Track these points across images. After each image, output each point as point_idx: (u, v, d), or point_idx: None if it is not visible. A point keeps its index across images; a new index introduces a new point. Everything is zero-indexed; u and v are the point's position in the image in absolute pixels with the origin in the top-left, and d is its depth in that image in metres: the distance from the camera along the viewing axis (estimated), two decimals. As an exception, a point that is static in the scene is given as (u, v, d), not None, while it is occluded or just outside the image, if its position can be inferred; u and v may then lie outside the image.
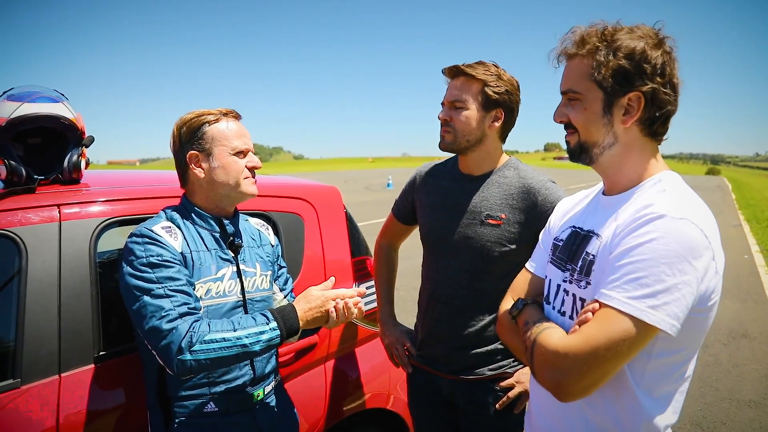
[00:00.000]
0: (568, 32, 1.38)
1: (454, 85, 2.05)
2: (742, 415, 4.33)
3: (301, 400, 2.27)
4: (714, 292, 1.23)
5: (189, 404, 1.75)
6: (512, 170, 2.10)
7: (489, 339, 2.08)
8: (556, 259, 1.51)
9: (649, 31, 1.31)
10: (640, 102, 1.29)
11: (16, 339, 1.69)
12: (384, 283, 2.50)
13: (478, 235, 2.03)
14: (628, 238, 1.22)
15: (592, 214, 1.46)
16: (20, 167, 1.85)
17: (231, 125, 1.82)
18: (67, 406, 1.73)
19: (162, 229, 1.72)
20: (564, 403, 1.26)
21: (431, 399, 2.27)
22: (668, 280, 1.14)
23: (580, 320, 1.24)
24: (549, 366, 1.24)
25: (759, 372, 5.18)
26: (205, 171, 1.79)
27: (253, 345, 1.61)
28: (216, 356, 1.56)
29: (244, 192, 1.84)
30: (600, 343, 1.16)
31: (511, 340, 1.53)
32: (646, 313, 1.14)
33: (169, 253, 1.67)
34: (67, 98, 2.03)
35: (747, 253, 11.80)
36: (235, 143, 1.80)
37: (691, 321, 1.21)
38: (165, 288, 1.60)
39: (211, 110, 1.82)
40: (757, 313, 7.14)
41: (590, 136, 1.36)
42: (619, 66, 1.27)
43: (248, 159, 1.84)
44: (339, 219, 2.68)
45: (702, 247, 1.17)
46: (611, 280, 1.21)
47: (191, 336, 1.55)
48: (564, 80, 1.39)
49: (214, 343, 1.56)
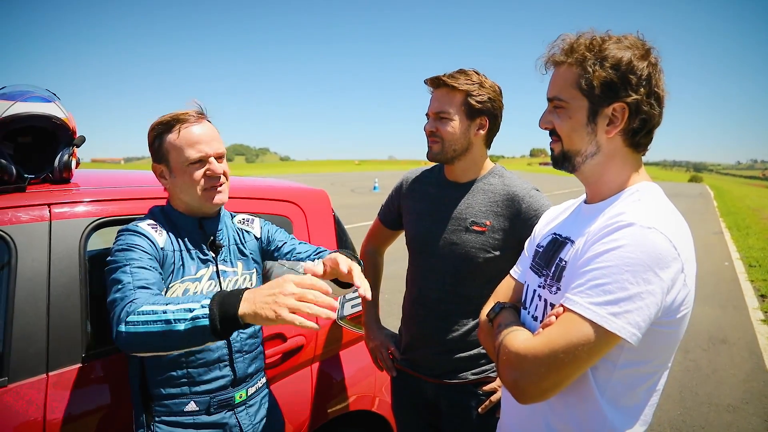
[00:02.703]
0: (557, 39, 1.38)
1: (437, 97, 2.07)
2: (720, 419, 4.40)
3: (287, 402, 2.28)
4: (683, 305, 1.23)
5: (169, 403, 1.74)
6: (497, 178, 2.13)
7: (472, 343, 2.11)
8: (534, 264, 1.52)
9: (636, 41, 1.32)
10: (624, 113, 1.30)
11: (4, 337, 1.70)
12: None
13: (462, 241, 2.05)
14: (596, 245, 1.22)
15: (573, 222, 1.47)
16: (11, 166, 1.86)
17: (185, 133, 1.71)
18: (54, 405, 1.74)
19: (148, 225, 1.73)
20: (525, 405, 1.27)
21: (415, 402, 2.29)
22: (631, 289, 1.14)
23: (544, 323, 1.26)
24: (510, 366, 1.25)
25: (737, 377, 5.27)
26: (169, 183, 1.78)
27: (177, 322, 1.36)
28: (142, 330, 1.37)
29: (204, 205, 1.78)
30: (559, 347, 1.17)
31: (487, 343, 1.54)
32: (606, 319, 1.14)
33: (146, 243, 1.66)
34: (58, 98, 2.04)
35: (728, 260, 11.96)
36: (187, 154, 1.71)
37: (658, 333, 1.22)
38: (129, 266, 1.57)
39: (165, 117, 1.73)
40: (736, 319, 7.25)
41: (573, 145, 1.37)
42: (605, 76, 1.28)
43: (206, 167, 1.74)
44: (327, 222, 2.70)
45: (669, 258, 1.16)
46: (576, 285, 1.21)
47: (130, 305, 1.43)
48: (550, 87, 1.40)
49: (143, 315, 1.38)
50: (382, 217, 2.47)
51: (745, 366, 5.56)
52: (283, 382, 2.35)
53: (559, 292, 1.34)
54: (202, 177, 1.74)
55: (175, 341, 1.38)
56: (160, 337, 1.37)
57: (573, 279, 1.25)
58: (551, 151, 1.44)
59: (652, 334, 1.19)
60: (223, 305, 1.36)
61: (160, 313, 1.38)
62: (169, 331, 1.36)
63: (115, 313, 1.45)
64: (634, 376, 1.27)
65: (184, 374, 1.75)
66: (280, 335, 2.34)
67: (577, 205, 1.54)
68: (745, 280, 9.88)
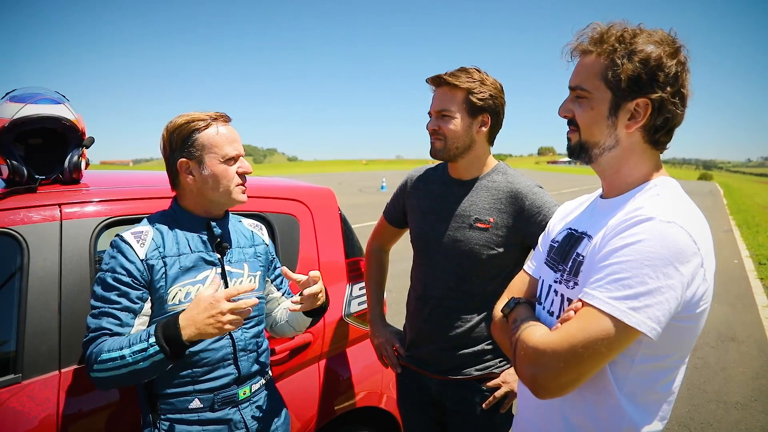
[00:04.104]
0: (586, 27, 1.35)
1: (439, 95, 2.08)
2: (728, 417, 4.39)
3: (294, 398, 2.31)
4: (702, 300, 1.22)
5: (174, 401, 1.77)
6: (501, 175, 2.14)
7: (476, 340, 2.12)
8: (550, 260, 1.51)
9: (667, 37, 1.29)
10: (647, 109, 1.28)
11: (18, 335, 1.73)
12: (374, 285, 2.54)
13: (466, 238, 2.07)
14: (615, 239, 1.21)
15: (588, 217, 1.46)
16: (22, 167, 1.89)
17: (221, 131, 1.80)
18: (66, 401, 1.77)
19: (132, 235, 1.74)
20: (543, 400, 1.26)
21: (420, 399, 2.30)
22: (651, 283, 1.13)
23: (562, 318, 1.24)
24: (528, 361, 1.24)
25: (746, 375, 5.25)
26: (196, 178, 1.79)
27: (137, 363, 1.55)
28: (111, 375, 1.56)
29: (235, 200, 1.86)
30: (578, 341, 1.15)
31: (502, 339, 1.53)
32: (626, 314, 1.13)
33: (125, 270, 1.68)
34: (68, 100, 2.07)
35: (737, 257, 11.90)
36: (225, 150, 1.79)
37: (677, 328, 1.21)
38: (101, 309, 1.65)
39: (200, 115, 1.79)
40: (745, 317, 7.22)
41: (592, 136, 1.35)
42: (633, 70, 1.25)
43: (239, 165, 1.84)
44: (334, 220, 2.73)
45: (690, 253, 1.15)
46: (595, 279, 1.20)
47: (92, 355, 1.59)
48: (574, 75, 1.37)
49: (106, 362, 1.56)
50: (387, 215, 2.49)
51: (754, 363, 5.55)
52: (291, 379, 2.38)
53: (576, 287, 1.33)
54: (236, 173, 1.83)
55: (142, 375, 1.59)
56: (128, 376, 1.57)
57: (591, 274, 1.24)
58: (568, 141, 1.42)
59: (671, 328, 1.18)
60: (168, 338, 1.57)
61: (119, 359, 1.56)
62: (134, 370, 1.56)
63: (86, 356, 1.62)
64: (652, 371, 1.26)
65: (189, 373, 1.77)
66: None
67: (593, 200, 1.53)
68: (755, 277, 9.83)
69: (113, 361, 1.55)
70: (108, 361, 1.55)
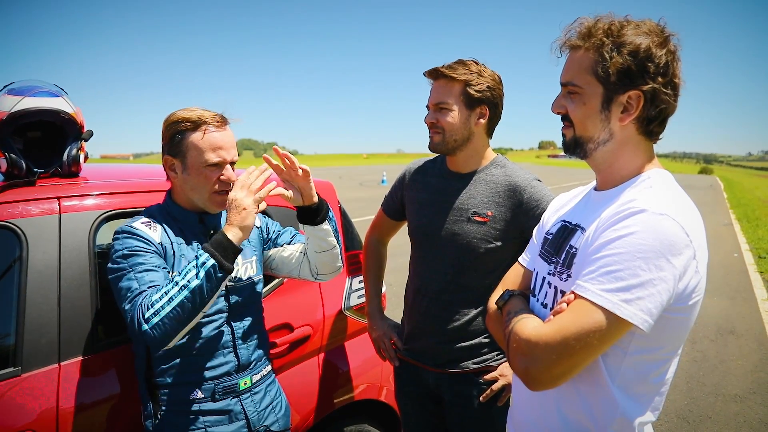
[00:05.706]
0: (573, 22, 1.35)
1: (436, 88, 2.08)
2: (727, 409, 4.41)
3: (294, 391, 2.31)
4: (695, 292, 1.22)
5: (175, 391, 1.78)
6: (499, 168, 2.14)
7: (474, 333, 2.13)
8: (544, 252, 1.51)
9: (656, 27, 1.28)
10: (640, 101, 1.27)
11: (17, 328, 1.74)
12: (372, 278, 2.54)
13: (464, 231, 2.07)
14: (607, 231, 1.21)
15: (582, 209, 1.46)
16: (20, 160, 1.89)
17: (209, 136, 1.76)
18: (66, 394, 1.77)
19: (142, 224, 1.76)
20: (536, 392, 1.27)
21: (418, 391, 2.31)
22: (643, 275, 1.13)
23: (555, 310, 1.25)
24: (520, 353, 1.25)
25: (745, 368, 5.27)
26: (178, 177, 1.81)
27: (190, 281, 1.56)
28: (166, 314, 1.53)
29: (207, 208, 1.85)
30: (570, 333, 1.16)
31: (496, 331, 1.54)
32: (618, 306, 1.13)
33: (144, 243, 1.70)
34: (66, 93, 2.07)
35: (737, 251, 11.91)
36: (207, 156, 1.76)
37: (669, 320, 1.21)
38: (133, 272, 1.64)
39: (193, 115, 1.77)
40: (744, 310, 7.23)
41: (586, 131, 1.35)
42: (623, 63, 1.25)
43: (221, 172, 1.80)
44: (333, 214, 2.72)
45: (682, 245, 1.15)
46: (588, 272, 1.21)
47: (141, 307, 1.55)
48: (565, 71, 1.37)
49: (158, 302, 1.54)
50: (385, 207, 2.49)
51: (753, 357, 5.56)
52: (290, 372, 2.38)
53: (569, 279, 1.34)
54: (216, 181, 1.80)
55: (197, 297, 1.56)
56: (183, 305, 1.54)
57: (584, 266, 1.24)
58: (563, 137, 1.42)
59: (663, 320, 1.19)
60: (213, 243, 1.61)
61: (172, 286, 1.55)
62: (190, 292, 1.55)
63: (133, 320, 1.55)
64: (645, 363, 1.26)
65: (189, 362, 1.78)
66: (288, 325, 2.37)
67: (587, 192, 1.53)
68: (755, 271, 9.84)
69: (166, 294, 1.55)
70: (160, 299, 1.54)
